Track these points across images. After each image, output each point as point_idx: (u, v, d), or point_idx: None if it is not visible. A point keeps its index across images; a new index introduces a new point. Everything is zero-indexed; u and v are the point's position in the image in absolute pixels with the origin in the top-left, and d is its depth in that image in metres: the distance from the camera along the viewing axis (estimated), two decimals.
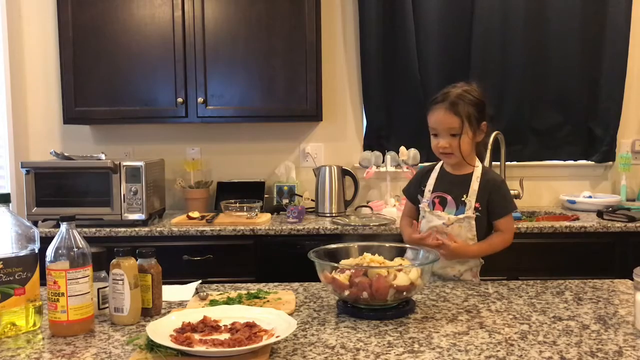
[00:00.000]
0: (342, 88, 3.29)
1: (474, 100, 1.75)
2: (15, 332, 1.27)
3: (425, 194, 1.86)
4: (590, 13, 3.12)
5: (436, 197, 1.83)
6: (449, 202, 1.81)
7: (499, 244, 1.79)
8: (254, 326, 1.20)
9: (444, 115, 1.74)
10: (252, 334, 1.15)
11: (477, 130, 1.77)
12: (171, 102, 2.93)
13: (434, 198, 1.83)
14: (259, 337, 1.15)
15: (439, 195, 1.83)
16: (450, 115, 1.73)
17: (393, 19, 3.15)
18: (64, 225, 1.28)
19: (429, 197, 1.85)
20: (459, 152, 1.76)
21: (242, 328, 1.19)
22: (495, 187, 1.79)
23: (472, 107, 1.74)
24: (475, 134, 1.77)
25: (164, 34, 2.90)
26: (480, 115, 1.76)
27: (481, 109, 1.76)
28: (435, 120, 1.77)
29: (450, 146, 1.75)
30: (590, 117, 3.21)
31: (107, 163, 2.69)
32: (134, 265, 1.35)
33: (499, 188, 1.80)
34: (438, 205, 1.83)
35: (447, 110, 1.73)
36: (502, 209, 1.79)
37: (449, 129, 1.74)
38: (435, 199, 1.83)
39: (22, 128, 3.25)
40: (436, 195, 1.83)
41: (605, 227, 2.64)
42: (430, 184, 1.86)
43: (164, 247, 2.52)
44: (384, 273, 1.34)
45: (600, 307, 1.42)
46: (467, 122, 1.73)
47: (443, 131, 1.76)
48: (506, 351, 1.14)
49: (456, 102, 1.73)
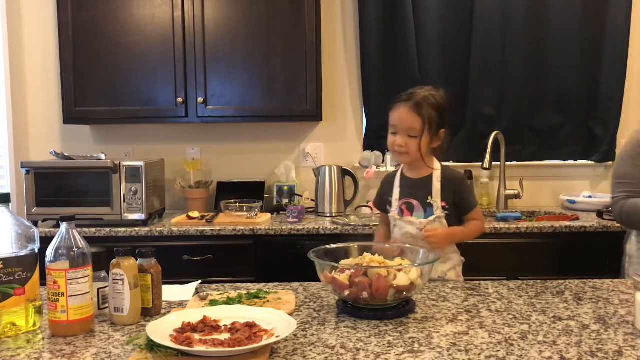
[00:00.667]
0: (342, 88, 3.29)
1: (438, 105, 1.77)
2: (15, 332, 1.27)
3: (393, 203, 1.87)
4: (590, 13, 3.12)
5: (403, 204, 1.84)
6: (416, 206, 1.82)
7: (476, 230, 1.84)
8: (254, 326, 1.20)
9: (407, 114, 1.76)
10: (252, 334, 1.15)
11: (435, 136, 1.79)
12: (171, 102, 2.93)
13: (401, 205, 1.85)
14: (259, 337, 1.15)
15: (405, 201, 1.84)
16: (413, 115, 1.75)
17: (393, 19, 3.15)
18: (64, 225, 1.28)
19: (396, 206, 1.86)
20: (415, 153, 1.77)
21: (242, 328, 1.19)
22: (458, 184, 1.83)
23: (435, 112, 1.76)
24: (432, 139, 1.78)
25: (164, 34, 2.90)
26: (441, 121, 1.78)
27: (443, 115, 1.78)
28: (398, 117, 1.79)
29: (406, 145, 1.77)
30: (590, 117, 3.21)
31: (107, 163, 2.69)
32: (134, 265, 1.35)
33: (462, 184, 1.84)
34: (406, 212, 1.84)
35: (411, 109, 1.76)
36: (469, 203, 1.83)
37: (409, 129, 1.76)
38: (402, 206, 1.84)
39: (22, 128, 3.25)
40: (403, 202, 1.84)
41: (605, 227, 2.64)
42: (396, 192, 1.87)
43: (164, 247, 2.52)
44: (384, 273, 1.34)
45: (600, 307, 1.42)
46: (427, 125, 1.74)
47: (402, 130, 1.78)
48: (506, 351, 1.14)
49: (420, 104, 1.75)
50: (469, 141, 3.18)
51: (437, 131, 1.79)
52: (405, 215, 1.84)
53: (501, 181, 3.17)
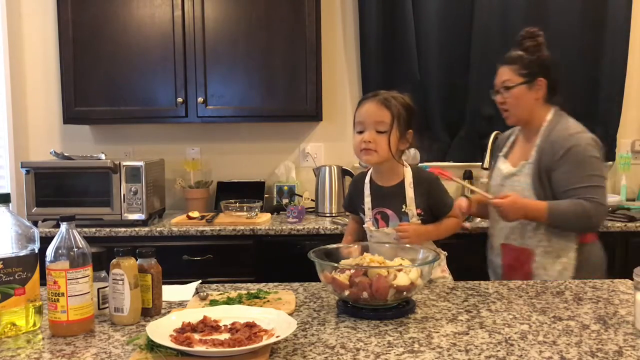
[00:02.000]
0: (342, 88, 3.29)
1: (405, 103, 1.74)
2: (15, 332, 1.27)
3: (366, 212, 1.83)
4: (590, 13, 3.12)
5: (377, 213, 1.80)
6: (391, 216, 1.78)
7: (452, 226, 1.81)
8: (254, 326, 1.20)
9: (375, 107, 1.71)
10: (252, 334, 1.15)
11: (403, 137, 1.74)
12: (171, 102, 2.93)
13: (375, 214, 1.80)
14: (259, 337, 1.15)
15: (379, 211, 1.80)
16: (381, 108, 1.70)
17: (393, 19, 3.15)
18: (64, 225, 1.28)
19: (370, 215, 1.81)
20: (383, 151, 1.70)
21: (242, 328, 1.19)
22: (432, 187, 1.78)
23: (403, 109, 1.72)
24: (400, 139, 1.73)
25: (164, 34, 2.90)
26: (409, 119, 1.73)
27: (410, 114, 1.74)
28: (365, 112, 1.73)
29: (374, 142, 1.70)
30: (590, 117, 3.20)
31: (107, 163, 2.69)
32: (134, 265, 1.35)
33: (435, 186, 1.79)
34: (381, 222, 1.80)
35: (379, 103, 1.71)
36: (444, 204, 1.80)
37: (377, 123, 1.70)
38: (376, 215, 1.80)
39: (22, 128, 3.25)
40: (376, 212, 1.80)
41: (605, 227, 2.64)
42: (368, 201, 1.82)
43: (164, 247, 2.52)
44: (384, 273, 1.34)
45: (600, 307, 1.42)
46: (396, 120, 1.70)
47: (370, 124, 1.71)
48: (506, 351, 1.14)
49: (388, 99, 1.72)
50: (468, 141, 3.18)
51: (405, 131, 1.74)
52: (380, 225, 1.80)
53: None
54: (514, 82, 1.96)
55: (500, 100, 2.01)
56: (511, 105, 1.98)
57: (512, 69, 1.97)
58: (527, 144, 2.00)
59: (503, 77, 1.99)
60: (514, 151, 2.08)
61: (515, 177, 1.97)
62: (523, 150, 2.02)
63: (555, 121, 1.95)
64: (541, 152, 1.91)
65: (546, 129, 1.94)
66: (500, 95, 2.01)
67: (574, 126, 1.93)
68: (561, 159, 1.86)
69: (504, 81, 1.98)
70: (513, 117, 2.01)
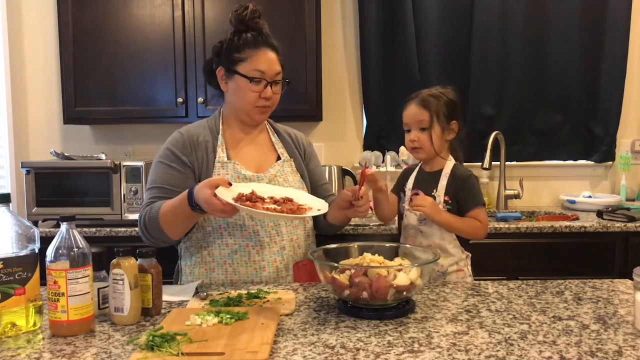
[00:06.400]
0: (342, 88, 3.29)
1: (445, 99, 1.85)
2: (16, 332, 1.27)
3: (406, 193, 1.93)
4: (590, 13, 3.12)
5: (413, 194, 1.89)
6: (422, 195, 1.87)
7: (470, 227, 1.82)
8: (291, 201, 1.53)
9: (415, 109, 1.85)
10: (299, 206, 1.49)
11: (447, 128, 1.85)
12: (171, 102, 2.93)
13: (411, 196, 1.89)
14: (303, 210, 1.48)
15: (415, 192, 1.89)
16: (420, 109, 1.84)
17: (393, 19, 3.15)
18: (64, 225, 1.28)
19: (408, 196, 1.91)
20: (427, 147, 1.84)
21: (283, 202, 1.51)
22: (463, 181, 1.84)
23: (442, 105, 1.83)
24: (444, 131, 1.84)
25: (164, 34, 2.90)
26: (449, 114, 1.84)
27: (451, 108, 1.85)
28: (407, 113, 1.87)
29: (419, 140, 1.84)
30: (590, 117, 3.22)
31: (107, 163, 2.70)
32: (134, 265, 1.35)
33: (466, 182, 1.85)
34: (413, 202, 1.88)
35: (417, 104, 1.84)
36: (470, 201, 1.83)
37: (418, 122, 1.84)
38: (412, 196, 1.88)
39: (22, 128, 3.25)
40: (414, 193, 1.89)
41: (605, 227, 2.65)
42: (410, 182, 1.94)
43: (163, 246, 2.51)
44: (384, 273, 1.34)
45: (600, 307, 1.42)
46: (435, 117, 1.82)
47: (413, 125, 1.85)
48: (506, 351, 1.14)
49: (427, 99, 1.84)
50: (469, 141, 3.18)
51: (448, 122, 1.84)
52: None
53: (501, 181, 3.17)
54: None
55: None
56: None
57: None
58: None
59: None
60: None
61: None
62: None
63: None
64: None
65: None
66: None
67: None
68: None
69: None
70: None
